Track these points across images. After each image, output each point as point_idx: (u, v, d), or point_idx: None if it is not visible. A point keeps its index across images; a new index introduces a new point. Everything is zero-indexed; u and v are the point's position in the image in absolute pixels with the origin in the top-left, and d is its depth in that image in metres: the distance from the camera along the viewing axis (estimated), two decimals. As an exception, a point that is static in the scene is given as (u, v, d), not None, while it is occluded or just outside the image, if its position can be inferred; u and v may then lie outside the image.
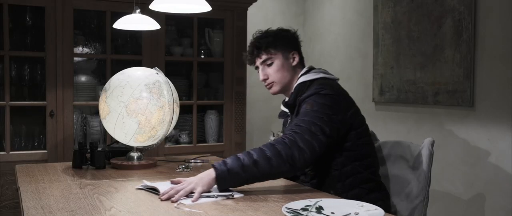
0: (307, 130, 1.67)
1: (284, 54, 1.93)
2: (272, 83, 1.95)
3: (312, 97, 1.78)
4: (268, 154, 1.61)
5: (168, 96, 2.06)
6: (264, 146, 1.65)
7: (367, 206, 1.38)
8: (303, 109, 1.76)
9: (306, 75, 1.91)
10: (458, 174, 2.66)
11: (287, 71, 1.94)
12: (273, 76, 1.93)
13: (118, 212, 1.40)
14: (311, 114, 1.72)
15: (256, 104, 3.93)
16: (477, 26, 2.53)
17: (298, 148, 1.63)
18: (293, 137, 1.65)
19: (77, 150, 2.12)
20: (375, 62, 3.21)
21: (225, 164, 1.60)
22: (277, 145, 1.63)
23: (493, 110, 2.47)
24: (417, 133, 2.90)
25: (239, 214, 1.38)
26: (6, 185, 2.86)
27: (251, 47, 1.98)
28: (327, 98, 1.76)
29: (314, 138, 1.67)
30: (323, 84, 1.82)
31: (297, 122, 1.71)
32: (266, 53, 1.93)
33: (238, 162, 1.60)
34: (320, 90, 1.79)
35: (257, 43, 1.95)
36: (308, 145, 1.65)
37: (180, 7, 2.15)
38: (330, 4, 3.75)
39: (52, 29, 2.92)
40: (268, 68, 1.94)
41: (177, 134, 3.39)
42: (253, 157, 1.61)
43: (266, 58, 1.93)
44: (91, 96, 3.17)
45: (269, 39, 1.94)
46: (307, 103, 1.77)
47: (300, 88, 1.88)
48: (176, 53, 3.36)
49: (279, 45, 1.93)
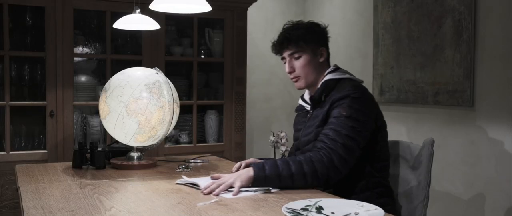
0: (342, 146, 1.70)
1: (313, 49, 1.91)
2: (297, 77, 1.93)
3: (345, 100, 1.77)
4: (306, 170, 1.66)
5: (168, 96, 2.06)
6: (303, 159, 1.69)
7: (367, 206, 1.38)
8: (336, 112, 1.76)
9: (334, 73, 1.90)
10: (458, 174, 2.66)
11: (314, 67, 1.91)
12: (300, 70, 1.91)
13: (118, 212, 1.40)
14: (345, 123, 1.72)
15: (256, 104, 3.93)
16: (477, 26, 2.53)
17: (334, 168, 1.69)
18: (330, 156, 1.68)
19: (77, 150, 2.12)
20: (375, 62, 3.21)
21: (263, 170, 1.66)
22: (316, 163, 1.67)
23: (493, 110, 2.47)
24: (417, 133, 2.90)
25: (239, 214, 1.38)
26: (6, 185, 2.86)
27: (281, 37, 1.93)
28: (360, 103, 1.77)
29: (349, 154, 1.71)
30: (356, 87, 1.82)
31: (332, 135, 1.71)
32: (295, 46, 1.89)
33: (276, 171, 1.66)
34: (353, 93, 1.78)
35: (288, 34, 1.91)
36: (343, 163, 1.70)
37: (180, 7, 2.15)
38: (330, 4, 3.75)
39: (52, 29, 2.92)
40: (295, 61, 1.91)
41: (177, 134, 3.39)
42: (291, 170, 1.66)
43: (294, 51, 1.90)
44: (91, 96, 3.17)
45: (301, 31, 1.90)
46: (341, 107, 1.76)
47: (327, 85, 1.87)
48: (176, 53, 3.36)
49: (309, 40, 1.90)
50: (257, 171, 1.66)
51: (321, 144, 1.72)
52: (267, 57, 3.96)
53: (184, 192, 1.65)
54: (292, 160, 1.69)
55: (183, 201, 1.53)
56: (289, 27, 1.94)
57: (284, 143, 3.41)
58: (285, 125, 4.00)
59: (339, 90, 1.82)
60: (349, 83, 1.85)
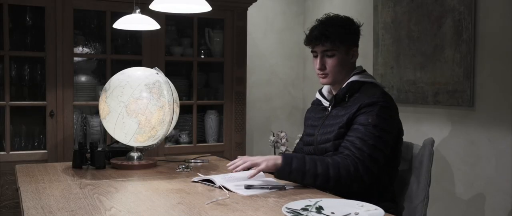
0: (369, 157, 1.69)
1: (347, 49, 1.88)
2: (326, 74, 1.89)
3: (374, 107, 1.75)
4: (331, 174, 1.66)
5: (168, 96, 2.06)
6: (331, 162, 1.68)
7: (367, 206, 1.38)
8: (363, 119, 1.74)
9: (360, 75, 1.88)
10: (458, 174, 2.66)
11: (344, 66, 1.88)
12: (331, 68, 1.87)
13: (118, 212, 1.40)
14: (372, 133, 1.71)
15: (256, 104, 3.93)
16: (477, 26, 2.53)
17: (360, 178, 1.68)
18: (357, 165, 1.67)
19: (77, 150, 2.12)
20: (375, 62, 3.21)
21: (290, 164, 1.68)
22: (342, 169, 1.67)
23: (493, 110, 2.47)
24: (417, 133, 2.90)
25: (239, 214, 1.38)
26: (6, 185, 2.86)
27: (318, 32, 1.86)
28: (388, 112, 1.77)
29: (375, 164, 1.71)
30: (384, 94, 1.81)
31: (359, 144, 1.70)
32: (331, 44, 1.84)
33: (302, 168, 1.67)
34: (383, 102, 1.76)
35: (326, 31, 1.84)
36: (369, 174, 1.70)
37: (180, 7, 2.15)
38: (330, 4, 3.75)
39: (52, 29, 2.92)
40: (328, 58, 1.87)
41: (177, 134, 3.39)
42: (317, 171, 1.67)
43: (329, 48, 1.85)
44: (91, 96, 3.17)
45: (339, 30, 1.85)
46: (369, 114, 1.74)
47: (352, 86, 1.85)
48: (176, 53, 3.36)
49: (346, 39, 1.86)
50: (284, 161, 1.68)
51: (348, 152, 1.70)
52: (267, 57, 3.96)
53: (184, 192, 1.65)
54: (319, 160, 1.69)
55: (183, 201, 1.53)
56: (327, 22, 1.88)
57: (284, 143, 3.40)
58: (285, 125, 4.00)
59: (367, 94, 1.80)
60: (375, 89, 1.83)
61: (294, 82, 4.06)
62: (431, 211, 2.69)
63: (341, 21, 1.89)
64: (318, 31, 1.86)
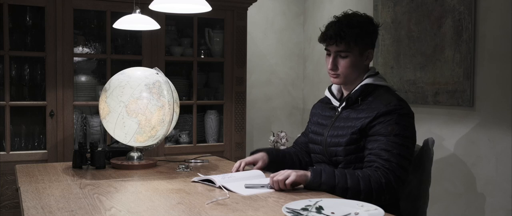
0: (398, 166, 1.66)
1: (361, 50, 1.83)
2: (338, 74, 1.84)
3: (392, 116, 1.72)
4: (361, 188, 1.62)
5: (168, 96, 2.06)
6: (361, 176, 1.64)
7: (367, 206, 1.38)
8: (384, 130, 1.70)
9: (373, 78, 1.84)
10: (458, 174, 2.66)
11: (357, 68, 1.83)
12: (343, 69, 1.82)
13: (118, 212, 1.40)
14: (395, 142, 1.68)
15: (256, 104, 3.93)
16: (477, 26, 2.53)
17: (392, 189, 1.65)
18: (388, 176, 1.64)
19: (77, 150, 2.12)
20: (375, 62, 3.21)
21: (320, 177, 1.63)
22: (373, 183, 1.63)
23: (493, 110, 2.47)
24: (417, 133, 2.89)
25: (239, 214, 1.38)
26: (6, 185, 2.86)
27: (333, 32, 1.80)
28: (407, 119, 1.75)
29: (405, 173, 1.68)
30: (400, 100, 1.78)
31: (386, 155, 1.66)
32: (346, 45, 1.79)
33: (332, 182, 1.63)
34: (400, 109, 1.74)
35: (342, 32, 1.78)
36: (400, 183, 1.67)
37: (180, 7, 2.15)
38: (330, 4, 3.75)
39: (52, 29, 2.92)
40: (341, 59, 1.82)
41: (177, 134, 3.39)
42: (347, 184, 1.62)
43: (343, 49, 1.80)
44: (91, 96, 3.17)
45: (356, 31, 1.79)
46: (388, 124, 1.70)
47: (365, 89, 1.82)
48: (176, 53, 3.36)
49: (361, 41, 1.81)
50: (313, 176, 1.64)
51: (377, 164, 1.67)
52: (267, 57, 3.96)
53: (184, 192, 1.65)
54: (349, 173, 1.65)
55: (183, 201, 1.53)
56: (344, 21, 1.82)
57: (284, 143, 3.40)
58: (285, 125, 4.00)
59: (383, 101, 1.76)
60: (390, 95, 1.80)
61: (294, 82, 4.06)
62: (431, 211, 2.68)
63: (359, 21, 1.83)
64: (334, 30, 1.80)
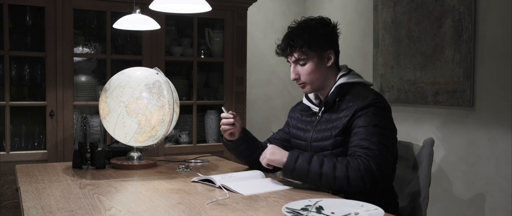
0: (379, 154, 1.62)
1: (319, 54, 1.80)
2: (304, 83, 1.84)
3: (369, 109, 1.70)
4: (336, 174, 1.59)
5: (168, 96, 2.06)
6: (339, 162, 1.61)
7: (367, 206, 1.38)
8: (362, 122, 1.68)
9: (347, 77, 1.82)
10: (458, 174, 2.66)
11: (321, 72, 1.81)
12: (305, 77, 1.81)
13: (118, 212, 1.40)
14: (375, 131, 1.66)
15: (256, 104, 3.93)
16: (477, 26, 2.53)
17: (372, 176, 1.59)
18: (368, 163, 1.60)
19: (77, 150, 2.12)
20: (375, 62, 3.21)
21: (295, 161, 1.64)
22: (350, 170, 1.59)
23: (493, 110, 2.47)
24: (417, 133, 2.90)
25: (239, 214, 1.38)
26: (6, 185, 2.86)
27: (285, 43, 1.81)
28: (384, 112, 1.73)
29: (386, 161, 1.64)
30: (377, 95, 1.76)
31: (366, 144, 1.64)
32: (299, 53, 1.78)
33: (306, 166, 1.63)
34: (377, 103, 1.72)
35: (291, 40, 1.78)
36: (381, 171, 1.61)
37: (180, 7, 2.15)
38: (330, 4, 3.75)
39: (52, 29, 2.92)
40: (301, 67, 1.81)
41: (177, 134, 3.39)
42: (321, 170, 1.61)
43: (299, 57, 1.79)
44: (91, 96, 3.17)
45: (305, 37, 1.77)
46: (366, 116, 1.69)
47: (340, 89, 1.80)
48: (176, 53, 3.36)
49: (315, 45, 1.78)
50: (289, 158, 1.65)
51: (358, 153, 1.64)
52: (267, 57, 3.96)
53: (184, 192, 1.65)
54: (328, 159, 1.63)
55: (183, 201, 1.53)
56: (293, 30, 1.82)
57: (284, 143, 3.39)
58: (285, 125, 4.00)
59: (360, 97, 1.74)
60: (366, 90, 1.79)
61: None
62: (431, 211, 2.68)
63: (308, 26, 1.80)
64: (284, 42, 1.81)
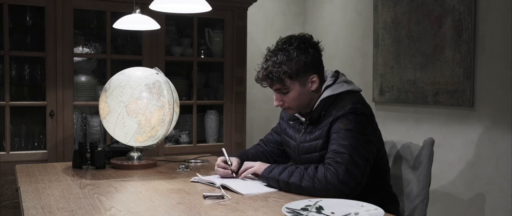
0: (349, 159, 1.58)
1: (302, 81, 1.75)
2: (288, 108, 1.81)
3: (347, 116, 1.67)
4: (303, 185, 1.60)
5: (168, 96, 2.06)
6: (307, 173, 1.61)
7: (367, 206, 1.38)
8: (336, 128, 1.66)
9: (332, 88, 1.77)
10: (458, 174, 2.66)
11: (305, 96, 1.77)
12: (291, 103, 1.78)
13: (118, 212, 1.40)
14: (346, 135, 1.63)
15: (256, 104, 3.93)
16: (477, 26, 2.53)
17: (342, 182, 1.55)
18: (336, 171, 1.57)
19: (77, 150, 2.12)
20: (375, 62, 3.21)
21: (270, 171, 1.71)
22: (316, 181, 1.57)
23: (493, 110, 2.47)
24: (417, 133, 2.90)
25: (239, 214, 1.38)
26: (6, 185, 2.86)
27: (262, 75, 1.77)
28: (362, 118, 1.68)
29: (356, 166, 1.59)
30: (355, 103, 1.71)
31: (336, 147, 1.61)
32: (281, 84, 1.74)
33: (276, 177, 1.68)
34: (355, 110, 1.68)
35: (270, 73, 1.73)
36: (350, 176, 1.57)
37: (180, 7, 2.15)
38: (330, 4, 3.75)
39: (52, 29, 2.92)
40: (284, 95, 1.77)
41: (177, 134, 3.39)
42: (289, 180, 1.64)
43: (280, 87, 1.76)
44: (91, 96, 3.17)
45: (283, 69, 1.71)
46: (340, 122, 1.66)
47: (325, 103, 1.76)
48: (176, 53, 3.36)
49: (296, 74, 1.72)
50: (265, 169, 1.73)
51: (328, 160, 1.62)
52: (267, 57, 3.96)
53: (184, 192, 1.65)
54: (299, 169, 1.63)
55: (183, 201, 1.53)
56: (270, 63, 1.74)
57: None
58: (285, 125, 4.00)
59: (338, 108, 1.71)
60: (346, 100, 1.73)
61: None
62: (431, 211, 2.68)
63: (289, 54, 1.72)
64: (262, 73, 1.77)
